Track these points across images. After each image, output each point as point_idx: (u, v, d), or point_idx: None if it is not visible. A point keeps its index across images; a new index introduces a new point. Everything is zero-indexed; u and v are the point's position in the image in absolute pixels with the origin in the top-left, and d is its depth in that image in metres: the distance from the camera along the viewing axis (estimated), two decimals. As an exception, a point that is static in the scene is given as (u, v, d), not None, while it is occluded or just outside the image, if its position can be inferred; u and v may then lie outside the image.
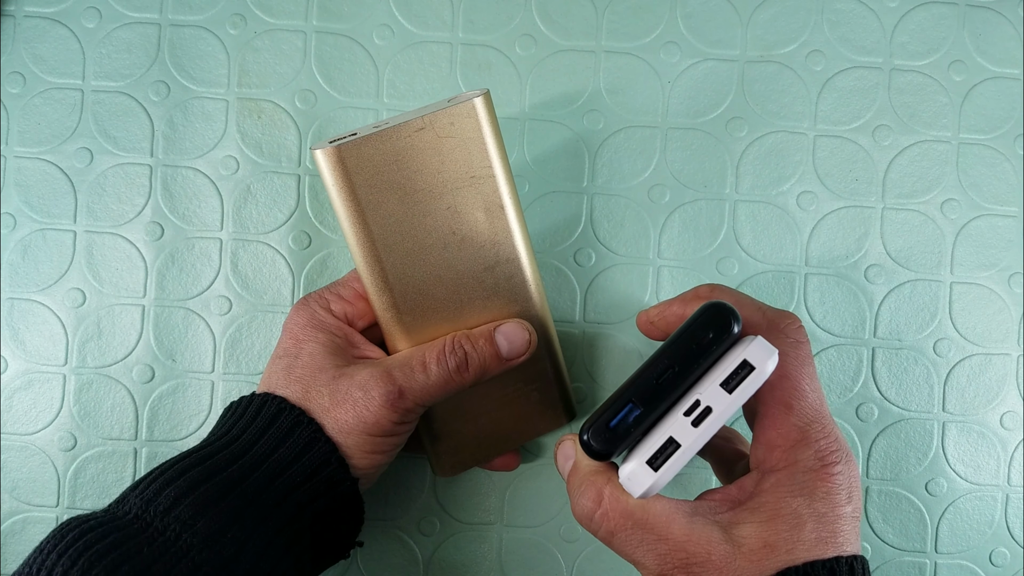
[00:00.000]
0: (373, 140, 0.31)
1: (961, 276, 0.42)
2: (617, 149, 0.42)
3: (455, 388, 0.33)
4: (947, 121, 0.42)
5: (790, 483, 0.27)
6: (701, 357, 0.27)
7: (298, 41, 0.42)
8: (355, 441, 0.31)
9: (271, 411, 0.32)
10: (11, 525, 0.41)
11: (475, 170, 0.32)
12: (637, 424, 0.26)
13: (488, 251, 0.33)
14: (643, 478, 0.26)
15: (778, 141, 0.42)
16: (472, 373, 0.33)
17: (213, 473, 0.30)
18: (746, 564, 0.26)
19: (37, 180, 0.41)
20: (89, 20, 0.41)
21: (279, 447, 0.31)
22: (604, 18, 0.42)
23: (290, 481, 0.30)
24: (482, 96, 0.32)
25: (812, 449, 0.27)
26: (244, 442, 0.31)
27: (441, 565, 0.42)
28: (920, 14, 0.42)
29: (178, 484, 0.29)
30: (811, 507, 0.27)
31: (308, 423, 0.31)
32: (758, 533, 0.26)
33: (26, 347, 0.41)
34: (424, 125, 0.32)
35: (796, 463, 0.27)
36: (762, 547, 0.26)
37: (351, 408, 0.31)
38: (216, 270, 0.41)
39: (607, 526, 0.28)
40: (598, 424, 0.26)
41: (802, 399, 0.28)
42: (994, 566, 0.42)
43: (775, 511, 0.27)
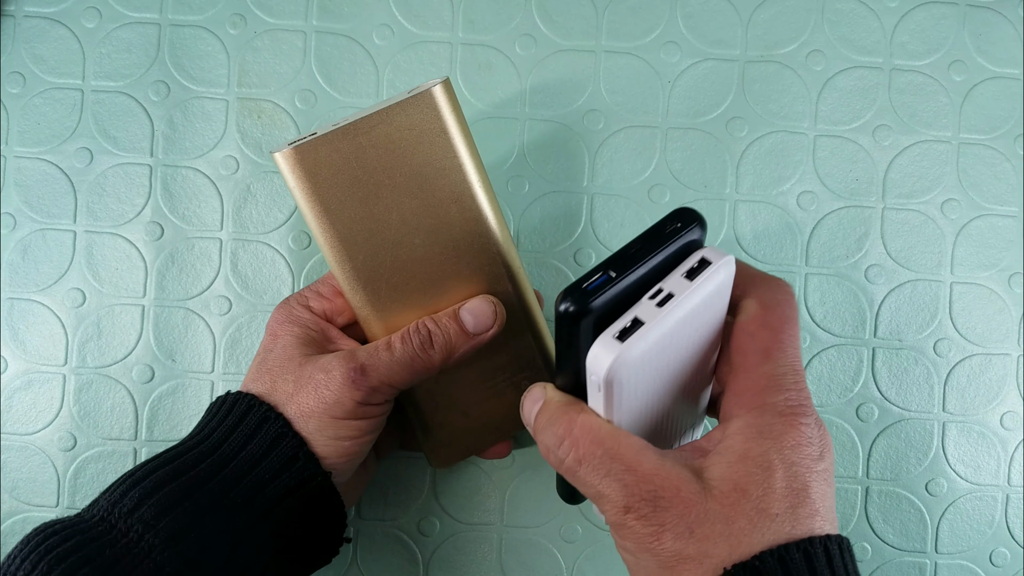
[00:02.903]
0: (330, 139, 0.31)
1: (961, 276, 0.42)
2: (617, 149, 0.42)
3: (423, 368, 0.32)
4: (947, 121, 0.42)
5: (759, 425, 0.26)
6: (667, 240, 0.27)
7: (298, 41, 0.42)
8: (316, 425, 0.31)
9: (241, 408, 0.31)
10: (11, 525, 0.41)
11: (440, 161, 0.32)
12: (608, 284, 0.26)
13: (461, 241, 0.33)
14: (610, 349, 0.25)
15: (778, 141, 0.42)
16: (438, 350, 0.32)
17: (180, 473, 0.30)
18: (717, 507, 0.25)
19: (37, 180, 0.41)
20: (89, 20, 0.41)
21: (247, 444, 0.31)
22: (604, 18, 0.42)
23: (258, 478, 0.30)
24: (441, 84, 0.31)
25: (782, 395, 0.27)
26: (214, 440, 0.31)
27: (441, 565, 0.41)
28: (920, 14, 0.42)
29: (143, 485, 0.29)
30: (780, 453, 0.26)
31: (275, 419, 0.31)
32: (728, 474, 0.25)
33: (26, 347, 0.41)
34: (381, 120, 0.31)
35: (764, 406, 0.26)
36: (732, 489, 0.25)
37: (312, 390, 0.31)
38: (216, 270, 0.41)
39: (576, 453, 0.27)
40: (573, 287, 0.26)
41: (779, 349, 0.27)
42: (994, 566, 0.42)
43: (743, 453, 0.26)
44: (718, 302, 0.28)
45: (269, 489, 0.30)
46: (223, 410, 0.32)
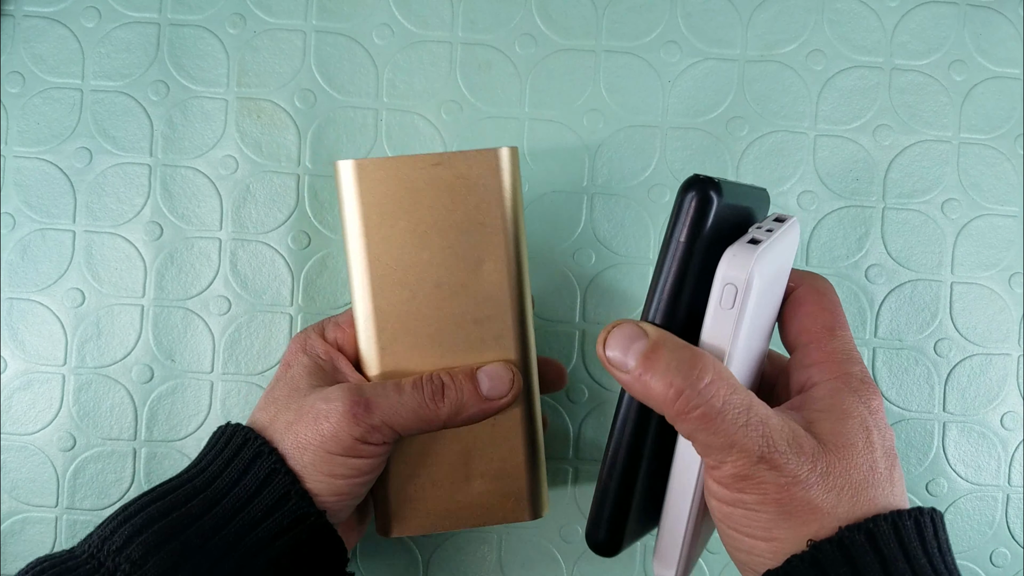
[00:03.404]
0: (391, 163, 0.32)
1: (961, 276, 0.42)
2: (617, 149, 0.42)
3: (428, 419, 0.31)
4: (948, 121, 0.42)
5: (848, 389, 0.27)
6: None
7: (297, 40, 0.41)
8: (311, 459, 0.30)
9: (236, 441, 0.31)
10: (11, 525, 0.41)
11: (484, 218, 0.32)
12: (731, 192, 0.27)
13: (480, 304, 0.33)
14: (748, 251, 0.26)
15: (778, 141, 0.42)
16: (448, 406, 0.31)
17: (171, 509, 0.29)
18: (834, 460, 0.25)
19: (36, 180, 0.41)
20: (88, 20, 0.41)
21: (240, 480, 0.30)
22: (604, 17, 0.42)
23: (251, 517, 0.29)
24: (509, 149, 0.32)
25: (858, 367, 0.28)
26: (208, 475, 0.31)
27: (441, 565, 0.41)
28: (921, 14, 0.42)
29: (133, 522, 0.29)
30: (873, 417, 0.27)
31: (269, 454, 0.30)
32: (836, 429, 0.26)
33: (25, 347, 0.41)
34: (442, 161, 0.32)
35: (848, 375, 0.28)
36: (844, 444, 0.26)
37: (312, 421, 0.30)
38: (215, 270, 0.41)
39: (717, 400, 0.25)
40: (696, 178, 0.26)
41: (841, 327, 0.29)
42: (995, 566, 0.42)
43: (845, 412, 0.26)
44: (789, 263, 0.29)
45: (261, 528, 0.30)
46: (220, 442, 0.32)
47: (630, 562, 0.42)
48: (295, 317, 0.41)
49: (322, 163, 0.41)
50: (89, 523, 0.41)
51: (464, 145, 0.41)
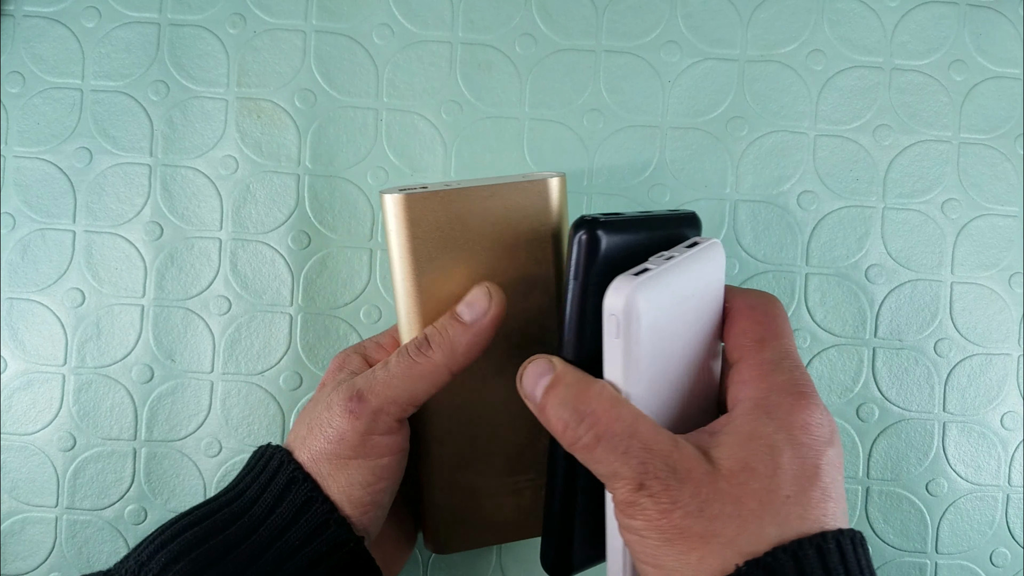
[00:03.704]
0: (440, 196, 0.31)
1: (962, 276, 0.42)
2: (617, 149, 0.42)
3: (425, 374, 0.30)
4: (948, 121, 0.42)
5: (765, 405, 0.26)
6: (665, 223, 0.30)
7: (297, 40, 0.41)
8: (328, 470, 0.30)
9: (273, 465, 0.31)
10: (10, 525, 0.41)
11: (533, 247, 0.32)
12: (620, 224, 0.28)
13: (527, 331, 0.33)
14: (628, 282, 0.26)
15: (778, 141, 0.42)
16: (438, 350, 0.30)
17: (210, 535, 0.29)
18: (726, 486, 0.24)
19: (36, 180, 0.41)
20: (88, 20, 0.41)
21: (277, 507, 0.30)
22: (604, 17, 0.42)
23: (288, 545, 0.29)
24: (558, 178, 0.32)
25: (784, 376, 0.26)
26: (246, 499, 0.30)
27: (441, 565, 0.41)
28: (921, 14, 0.42)
29: (171, 548, 0.28)
30: (789, 433, 0.25)
31: (304, 480, 0.30)
32: (735, 454, 0.25)
33: (25, 347, 0.41)
34: (493, 193, 0.32)
35: (769, 388, 0.26)
36: (741, 469, 0.25)
37: (319, 430, 0.30)
38: (215, 270, 0.41)
39: (596, 431, 0.26)
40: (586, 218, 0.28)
41: (773, 337, 0.28)
42: (995, 566, 0.42)
43: (751, 432, 0.25)
44: (714, 284, 0.29)
45: (299, 556, 0.29)
46: (259, 465, 0.31)
47: (630, 562, 0.42)
48: (295, 317, 0.41)
49: (322, 163, 0.41)
50: (89, 523, 0.41)
51: (464, 145, 0.41)
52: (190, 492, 0.41)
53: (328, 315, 0.41)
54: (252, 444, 0.41)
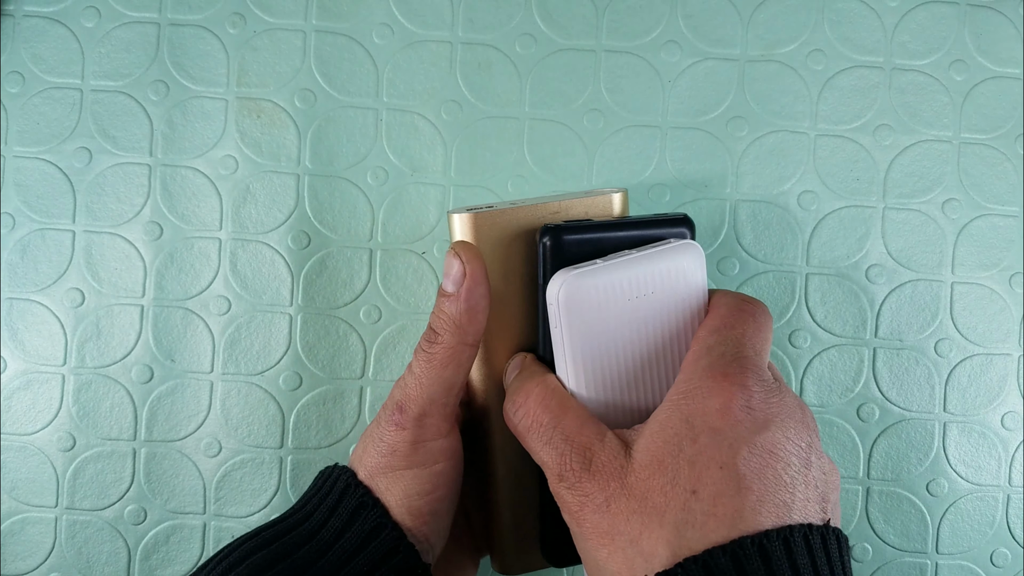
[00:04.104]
0: (507, 214, 0.32)
1: (962, 276, 0.42)
2: (617, 149, 0.42)
3: (446, 360, 0.30)
4: (948, 121, 0.42)
5: (684, 390, 0.24)
6: (648, 225, 0.30)
7: (297, 40, 0.41)
8: (385, 484, 0.30)
9: (339, 487, 0.31)
10: (10, 525, 0.41)
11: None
12: (586, 229, 0.29)
13: None
14: (563, 274, 0.27)
15: (779, 141, 0.42)
16: (444, 333, 0.30)
17: (278, 559, 0.29)
18: (634, 480, 0.23)
19: (36, 180, 0.41)
20: (88, 19, 0.41)
21: (345, 531, 0.30)
22: (604, 17, 0.42)
23: (356, 571, 0.29)
24: (620, 193, 0.33)
25: (712, 359, 0.25)
26: (315, 522, 0.30)
27: (441, 566, 0.41)
28: (921, 13, 0.42)
29: (239, 571, 0.28)
30: (704, 419, 0.23)
31: (373, 505, 0.30)
32: (648, 447, 0.24)
33: (25, 347, 0.41)
34: (559, 210, 0.32)
35: (692, 375, 0.25)
36: (650, 462, 0.23)
37: (373, 448, 0.31)
38: (215, 270, 0.41)
39: (527, 419, 0.27)
40: (553, 225, 0.29)
41: (727, 328, 0.26)
42: (995, 567, 0.42)
43: (664, 421, 0.24)
44: (684, 284, 0.28)
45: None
46: (325, 486, 0.31)
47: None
48: (295, 317, 0.41)
49: (322, 163, 0.41)
50: (89, 523, 0.41)
51: (464, 145, 0.41)
52: (190, 492, 0.41)
53: (328, 315, 0.41)
54: (252, 444, 0.41)
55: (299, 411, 0.41)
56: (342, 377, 0.41)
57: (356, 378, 0.41)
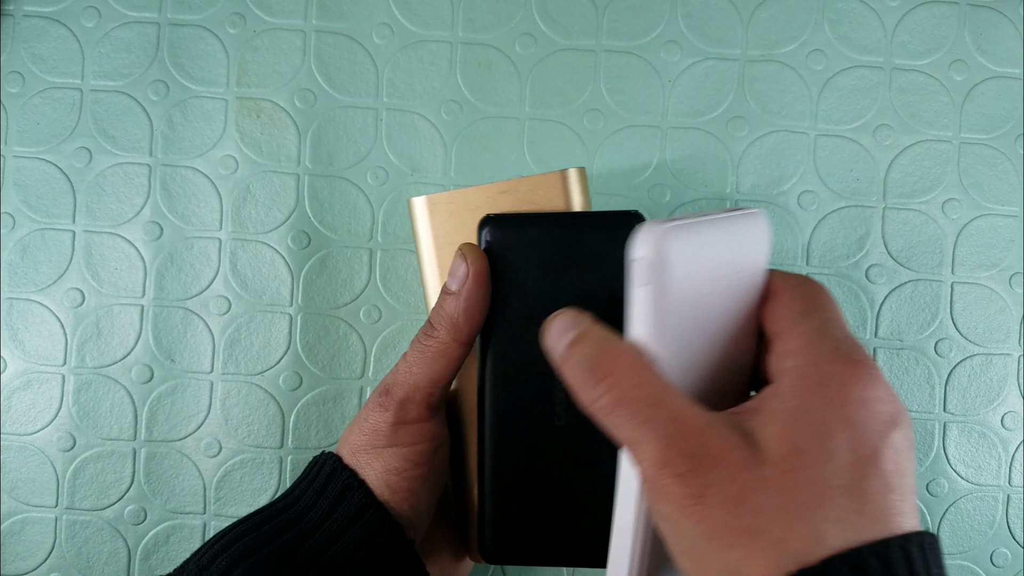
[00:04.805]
0: (459, 195, 0.33)
1: (962, 276, 0.42)
2: (617, 149, 0.42)
3: (438, 352, 0.30)
4: (948, 121, 0.42)
5: (816, 376, 0.22)
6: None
7: (297, 40, 0.41)
8: (365, 459, 0.31)
9: (326, 471, 0.32)
10: (10, 525, 0.41)
11: None
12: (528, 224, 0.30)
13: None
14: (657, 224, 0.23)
15: (779, 140, 0.42)
16: (440, 328, 0.31)
17: (268, 540, 0.30)
18: (772, 473, 0.21)
19: (36, 180, 0.41)
20: (88, 19, 0.41)
21: (332, 512, 0.31)
22: (604, 17, 0.42)
23: (343, 550, 0.30)
24: (576, 169, 0.33)
25: (833, 343, 0.23)
26: (303, 504, 0.31)
27: (441, 566, 0.41)
28: (921, 13, 0.42)
29: (231, 552, 0.29)
30: (842, 409, 0.22)
31: (358, 487, 0.31)
32: (783, 435, 0.21)
33: (25, 347, 0.41)
34: (508, 188, 0.32)
35: (818, 358, 0.23)
36: (789, 453, 0.21)
37: (357, 427, 0.32)
38: (215, 270, 0.41)
39: (614, 393, 0.23)
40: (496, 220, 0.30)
41: (818, 310, 0.24)
42: (995, 566, 0.42)
43: (800, 408, 0.22)
44: (752, 257, 0.26)
45: (352, 561, 0.30)
46: (313, 471, 0.32)
47: (630, 562, 0.42)
48: (295, 317, 0.41)
49: (322, 163, 0.41)
50: (89, 523, 0.41)
51: (464, 145, 0.41)
52: (190, 492, 0.41)
53: (328, 315, 0.41)
54: (252, 444, 0.41)
55: (299, 411, 0.41)
56: (342, 377, 0.41)
57: (356, 378, 0.41)
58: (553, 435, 0.31)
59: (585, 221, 0.30)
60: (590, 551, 0.31)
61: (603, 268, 0.30)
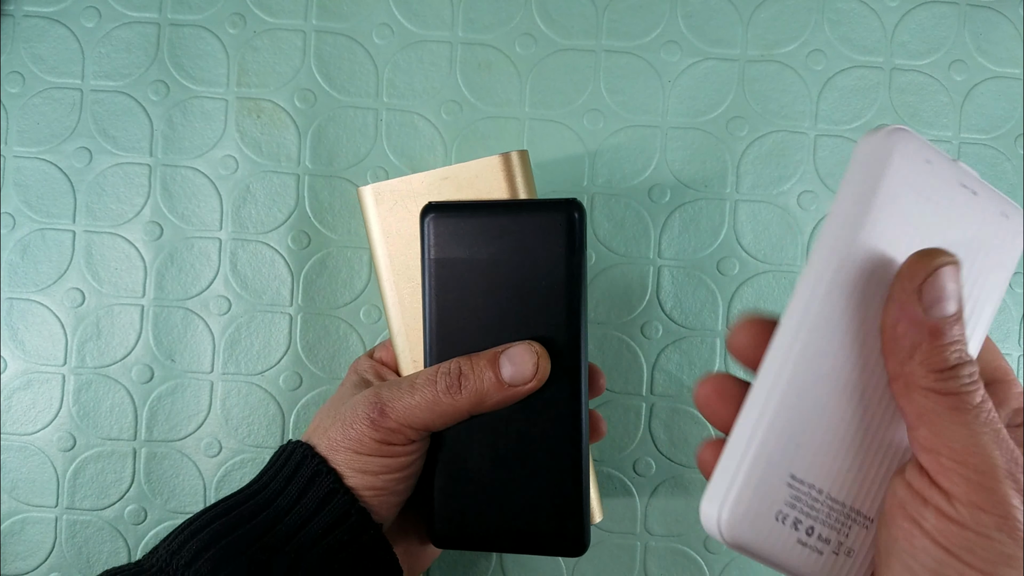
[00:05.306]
0: (402, 183, 0.33)
1: (962, 276, 0.42)
2: (617, 149, 0.42)
3: (449, 412, 0.30)
4: (948, 121, 0.42)
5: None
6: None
7: (297, 40, 0.41)
8: (343, 458, 0.31)
9: (296, 458, 0.32)
10: (10, 525, 0.41)
11: None
12: (468, 211, 0.31)
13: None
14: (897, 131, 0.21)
15: (779, 140, 0.42)
16: (466, 396, 0.30)
17: (237, 525, 0.30)
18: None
19: (36, 180, 0.41)
20: (88, 19, 0.41)
21: (301, 498, 0.31)
22: (604, 17, 0.42)
23: (311, 534, 0.30)
24: (517, 152, 0.33)
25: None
26: (272, 490, 0.31)
27: (441, 565, 0.41)
28: (921, 13, 0.42)
29: (200, 537, 0.29)
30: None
31: (328, 473, 0.31)
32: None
33: (25, 347, 0.41)
34: (449, 174, 0.33)
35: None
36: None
37: (341, 426, 0.31)
38: (215, 270, 0.41)
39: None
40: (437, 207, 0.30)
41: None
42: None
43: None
44: (1000, 261, 0.23)
45: (322, 545, 0.30)
46: (282, 459, 0.32)
47: (631, 563, 0.42)
48: (295, 317, 0.41)
49: (322, 163, 0.41)
50: (89, 523, 0.41)
51: (464, 145, 0.41)
52: (190, 492, 0.41)
53: (328, 315, 0.41)
54: (252, 444, 0.41)
55: (299, 411, 0.41)
56: (342, 377, 0.41)
57: (356, 378, 0.41)
58: (497, 423, 0.31)
59: (524, 208, 0.30)
60: (532, 538, 0.32)
61: (543, 254, 0.30)
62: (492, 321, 0.30)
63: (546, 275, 0.30)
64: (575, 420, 0.31)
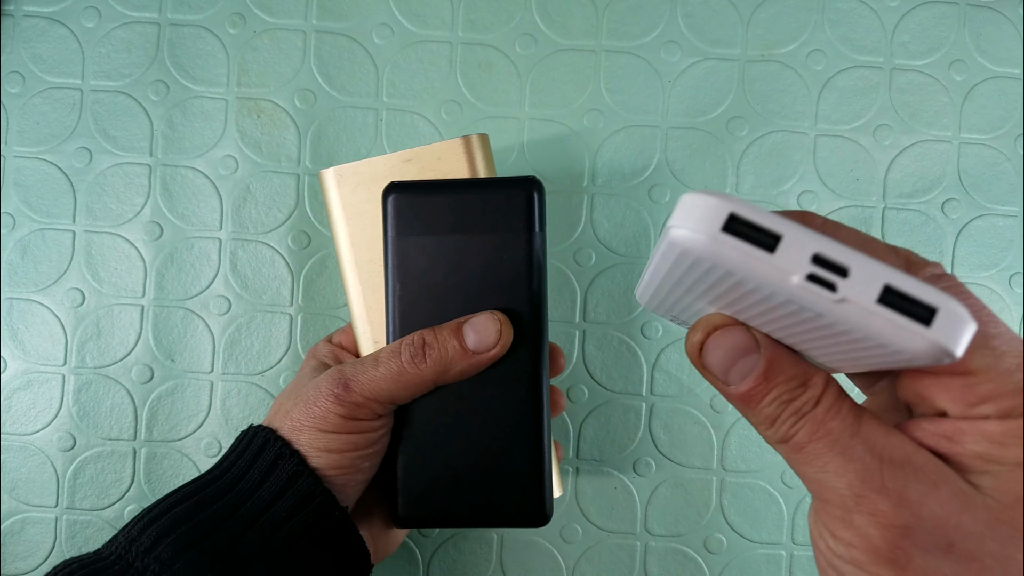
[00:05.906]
0: (364, 166, 0.34)
1: (962, 276, 0.42)
2: (617, 149, 0.42)
3: (413, 383, 0.30)
4: (948, 121, 0.42)
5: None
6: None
7: (298, 40, 0.41)
8: (307, 438, 0.31)
9: (258, 442, 0.31)
10: (10, 525, 0.41)
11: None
12: (429, 189, 0.31)
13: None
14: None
15: (779, 141, 0.42)
16: (431, 364, 0.30)
17: (198, 510, 0.29)
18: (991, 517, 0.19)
19: (36, 180, 0.41)
20: (88, 19, 0.41)
21: (264, 481, 0.30)
22: (604, 17, 0.42)
23: (275, 518, 0.30)
24: (477, 136, 0.33)
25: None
26: (232, 476, 0.31)
27: (441, 565, 0.41)
28: (921, 13, 0.42)
29: (161, 523, 0.29)
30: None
31: (291, 455, 0.30)
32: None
33: (25, 347, 0.41)
34: (412, 157, 0.33)
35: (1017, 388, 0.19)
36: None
37: (304, 406, 0.31)
38: (215, 270, 0.41)
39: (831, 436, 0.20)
40: (399, 187, 0.30)
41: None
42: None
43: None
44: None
45: (286, 528, 0.30)
46: (243, 443, 0.32)
47: (631, 563, 0.42)
48: (295, 317, 0.41)
49: (322, 163, 0.41)
50: (89, 523, 0.41)
51: (464, 145, 0.41)
52: (190, 492, 0.41)
53: (328, 315, 0.41)
54: (252, 444, 0.41)
55: (299, 411, 0.41)
56: (342, 377, 0.41)
57: (356, 378, 0.41)
58: (459, 399, 0.32)
59: (484, 186, 0.31)
60: (494, 511, 0.32)
61: (503, 230, 0.30)
62: (454, 297, 0.31)
63: (507, 251, 0.30)
64: (536, 392, 0.31)
